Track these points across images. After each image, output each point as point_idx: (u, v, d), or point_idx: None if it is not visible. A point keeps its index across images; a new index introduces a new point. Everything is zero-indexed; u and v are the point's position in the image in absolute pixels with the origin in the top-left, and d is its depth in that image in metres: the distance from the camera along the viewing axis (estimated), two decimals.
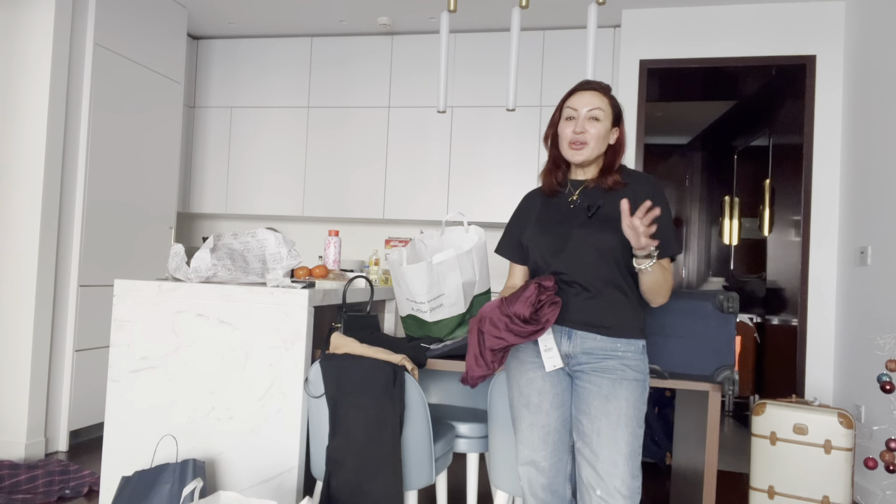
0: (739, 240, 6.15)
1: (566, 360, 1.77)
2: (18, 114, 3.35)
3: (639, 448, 1.70)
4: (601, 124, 1.78)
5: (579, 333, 1.74)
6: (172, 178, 4.24)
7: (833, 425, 2.71)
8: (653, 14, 4.17)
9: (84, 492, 2.88)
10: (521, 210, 1.96)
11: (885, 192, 3.23)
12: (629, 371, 1.71)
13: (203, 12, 4.57)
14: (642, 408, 1.75)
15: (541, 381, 1.79)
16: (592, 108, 1.78)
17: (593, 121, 1.78)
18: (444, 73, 2.91)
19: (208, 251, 2.10)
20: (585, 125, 1.77)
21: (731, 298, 1.99)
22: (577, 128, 1.77)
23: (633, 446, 1.68)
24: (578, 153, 1.79)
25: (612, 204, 1.78)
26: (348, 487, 1.91)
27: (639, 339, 1.76)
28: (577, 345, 1.75)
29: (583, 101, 1.79)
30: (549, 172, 1.89)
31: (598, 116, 1.78)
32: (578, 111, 1.78)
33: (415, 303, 2.36)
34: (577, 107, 1.79)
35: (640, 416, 1.73)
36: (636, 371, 1.73)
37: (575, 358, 1.76)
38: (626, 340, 1.73)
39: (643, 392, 1.75)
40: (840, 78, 3.86)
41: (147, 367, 2.16)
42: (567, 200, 1.85)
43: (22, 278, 3.29)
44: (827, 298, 3.80)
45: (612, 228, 1.73)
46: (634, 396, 1.71)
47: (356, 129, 4.82)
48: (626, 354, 1.73)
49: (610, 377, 1.71)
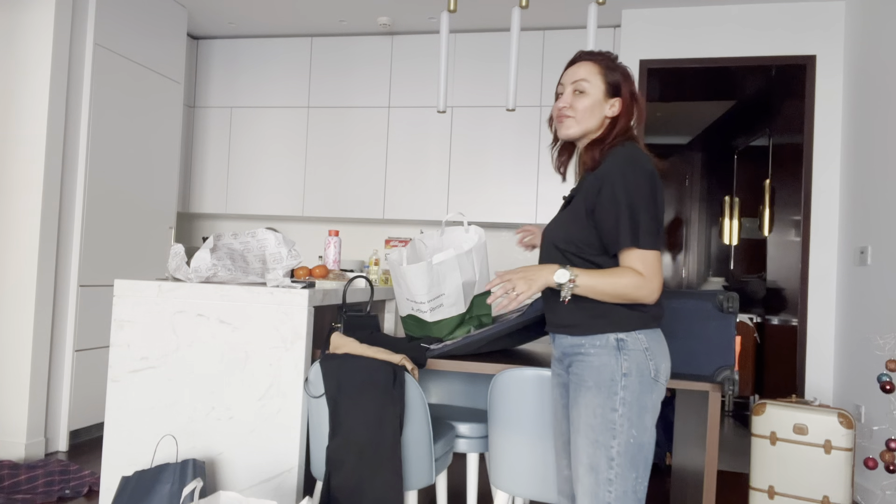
0: (739, 240, 6.15)
1: (558, 364, 1.73)
2: (18, 114, 3.34)
3: (607, 461, 1.53)
4: (587, 97, 1.66)
5: (557, 336, 1.69)
6: (172, 178, 4.24)
7: (833, 425, 2.71)
8: (653, 14, 4.17)
9: (84, 492, 2.88)
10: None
11: (885, 192, 3.23)
12: (591, 372, 1.57)
13: (203, 12, 4.57)
14: (611, 415, 1.54)
15: (556, 390, 1.77)
16: (577, 79, 1.67)
17: (579, 94, 1.67)
18: (444, 73, 2.91)
19: (208, 251, 2.10)
20: (571, 99, 1.67)
21: (731, 298, 1.99)
22: (561, 102, 1.69)
23: (595, 458, 1.53)
24: (561, 127, 1.70)
25: (583, 189, 1.65)
26: (348, 487, 1.91)
27: (608, 332, 1.57)
28: (558, 347, 1.70)
29: (569, 75, 1.70)
30: (557, 154, 1.80)
31: (584, 89, 1.66)
32: (564, 85, 1.70)
33: (415, 303, 2.35)
34: (564, 81, 1.71)
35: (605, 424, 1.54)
36: (599, 372, 1.56)
37: (563, 361, 1.70)
38: (592, 336, 1.59)
39: (608, 396, 1.55)
40: (840, 78, 3.86)
41: (147, 367, 2.16)
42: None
43: (22, 278, 3.29)
44: (827, 298, 3.80)
45: (566, 221, 1.65)
46: (596, 402, 1.55)
47: (356, 129, 4.82)
48: (590, 352, 1.59)
49: (574, 381, 1.62)
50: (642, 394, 1.55)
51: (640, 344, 1.57)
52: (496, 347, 2.30)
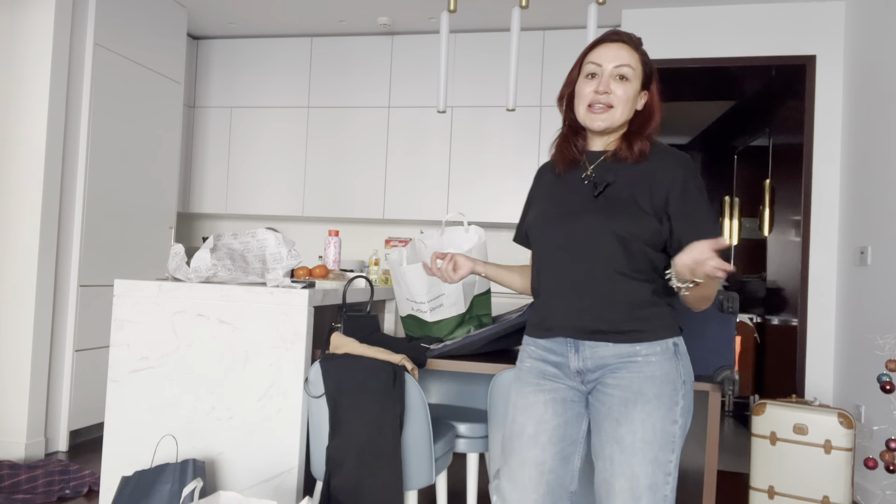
0: (739, 240, 6.15)
1: (577, 376, 1.48)
2: (18, 114, 3.34)
3: (664, 476, 1.38)
4: (630, 85, 1.45)
5: (587, 343, 1.44)
6: (172, 178, 4.24)
7: (833, 425, 2.71)
8: (653, 14, 4.17)
9: (84, 492, 2.88)
10: (532, 189, 1.66)
11: (885, 192, 3.23)
12: (651, 383, 1.39)
13: (203, 12, 4.57)
14: (671, 428, 1.39)
15: (542, 407, 1.47)
16: (620, 63, 1.44)
17: (621, 80, 1.45)
18: (444, 73, 2.91)
19: (208, 251, 2.10)
20: (611, 84, 1.44)
21: (731, 298, 1.98)
22: (601, 87, 1.44)
23: (654, 477, 1.37)
24: (599, 118, 1.45)
25: (627, 180, 1.45)
26: (348, 487, 1.91)
27: (667, 337, 1.42)
28: (590, 358, 1.44)
29: (609, 55, 1.45)
30: (564, 140, 1.55)
31: (627, 75, 1.45)
32: (603, 67, 1.45)
33: (415, 303, 2.36)
34: (600, 61, 1.45)
35: (665, 438, 1.38)
36: (662, 382, 1.39)
37: (586, 374, 1.46)
38: (650, 343, 1.41)
39: (670, 408, 1.39)
40: (840, 78, 3.85)
41: (147, 367, 2.16)
42: (581, 177, 1.51)
43: (22, 278, 3.29)
44: (827, 298, 3.80)
45: (620, 211, 1.42)
46: (657, 415, 1.38)
47: (356, 129, 4.82)
48: (650, 360, 1.40)
49: (620, 395, 1.40)
50: (692, 402, 1.45)
51: (684, 347, 1.47)
52: (496, 347, 2.30)
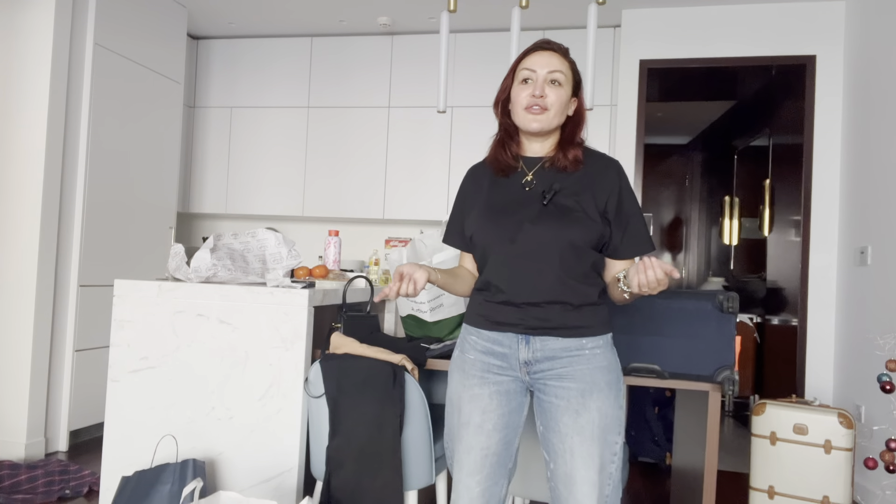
0: (739, 240, 6.15)
1: (524, 367, 1.56)
2: (18, 114, 3.34)
3: (610, 456, 1.51)
4: (562, 90, 1.57)
5: (537, 337, 1.53)
6: (172, 178, 4.24)
7: (833, 425, 2.71)
8: (653, 14, 4.17)
9: (84, 492, 2.88)
10: (464, 190, 1.72)
11: (885, 192, 3.23)
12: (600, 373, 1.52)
13: (203, 12, 4.57)
14: (618, 412, 1.53)
15: (487, 399, 1.56)
16: (553, 69, 1.56)
17: (554, 84, 1.56)
18: (444, 73, 2.91)
19: (208, 251, 2.10)
20: (545, 88, 1.55)
21: (731, 298, 1.99)
22: (536, 90, 1.55)
23: (603, 458, 1.50)
24: (536, 119, 1.56)
25: (570, 188, 1.56)
26: (348, 487, 1.91)
27: (608, 332, 1.57)
28: (539, 350, 1.53)
29: (542, 62, 1.57)
30: (500, 144, 1.66)
31: (560, 80, 1.56)
32: (537, 73, 1.56)
33: (415, 303, 2.36)
34: (535, 67, 1.57)
35: (613, 422, 1.52)
36: (608, 371, 1.53)
37: (533, 365, 1.55)
38: (596, 337, 1.54)
39: (616, 395, 1.54)
40: (840, 78, 3.86)
41: (147, 367, 2.16)
42: (521, 182, 1.61)
43: (22, 278, 3.29)
44: (827, 298, 3.80)
45: (572, 219, 1.52)
46: (608, 402, 1.51)
47: (356, 129, 4.82)
48: (596, 352, 1.53)
49: (573, 387, 1.51)
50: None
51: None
52: None
